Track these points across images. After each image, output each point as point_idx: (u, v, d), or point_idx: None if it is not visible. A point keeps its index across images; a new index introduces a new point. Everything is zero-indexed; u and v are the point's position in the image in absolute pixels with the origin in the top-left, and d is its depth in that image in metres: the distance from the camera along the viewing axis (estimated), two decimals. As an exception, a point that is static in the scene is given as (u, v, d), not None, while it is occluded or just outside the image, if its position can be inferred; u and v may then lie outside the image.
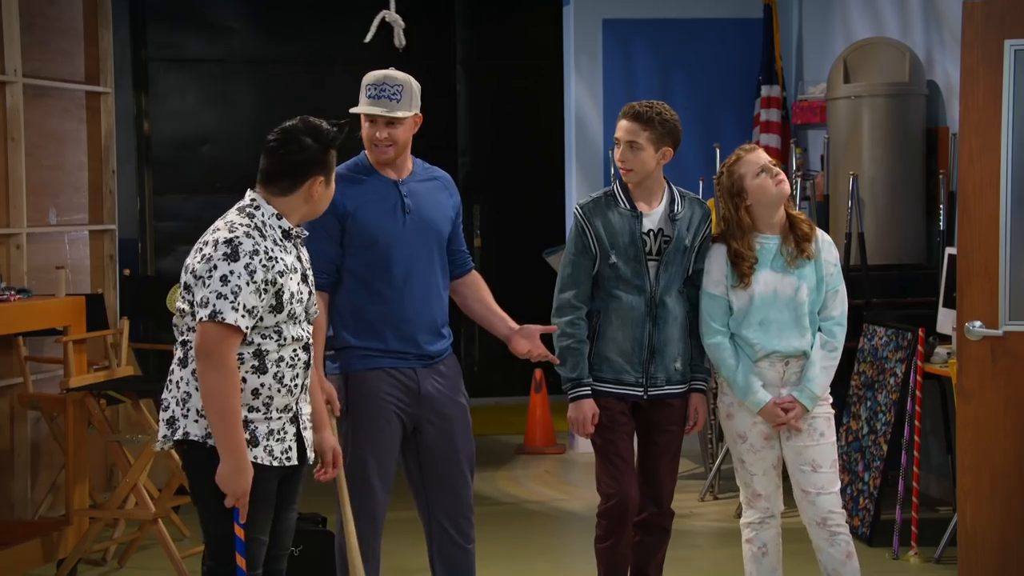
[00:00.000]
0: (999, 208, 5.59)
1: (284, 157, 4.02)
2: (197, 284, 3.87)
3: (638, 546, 4.97)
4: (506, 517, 7.34)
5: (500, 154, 11.09)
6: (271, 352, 3.95)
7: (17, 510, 6.72)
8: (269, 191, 4.03)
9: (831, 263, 4.88)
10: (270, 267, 3.89)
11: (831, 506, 4.82)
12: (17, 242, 6.86)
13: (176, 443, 3.95)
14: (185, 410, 3.91)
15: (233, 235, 3.88)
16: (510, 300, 4.84)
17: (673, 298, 4.85)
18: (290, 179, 4.01)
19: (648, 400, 4.86)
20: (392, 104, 4.59)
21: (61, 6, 7.32)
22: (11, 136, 6.84)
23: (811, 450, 4.83)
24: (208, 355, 3.83)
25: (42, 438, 6.89)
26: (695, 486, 7.66)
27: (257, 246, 3.88)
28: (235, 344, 3.86)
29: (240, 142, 10.49)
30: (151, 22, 10.79)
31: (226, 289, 3.83)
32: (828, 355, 4.85)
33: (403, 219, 4.64)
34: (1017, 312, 5.58)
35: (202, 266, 3.86)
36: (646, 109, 4.82)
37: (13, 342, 6.58)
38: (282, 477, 4.04)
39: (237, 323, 3.82)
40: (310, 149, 4.02)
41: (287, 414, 4.01)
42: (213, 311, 3.82)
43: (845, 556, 4.84)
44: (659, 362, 4.84)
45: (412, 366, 4.63)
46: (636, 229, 4.81)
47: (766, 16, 8.75)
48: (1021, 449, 5.60)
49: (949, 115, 7.37)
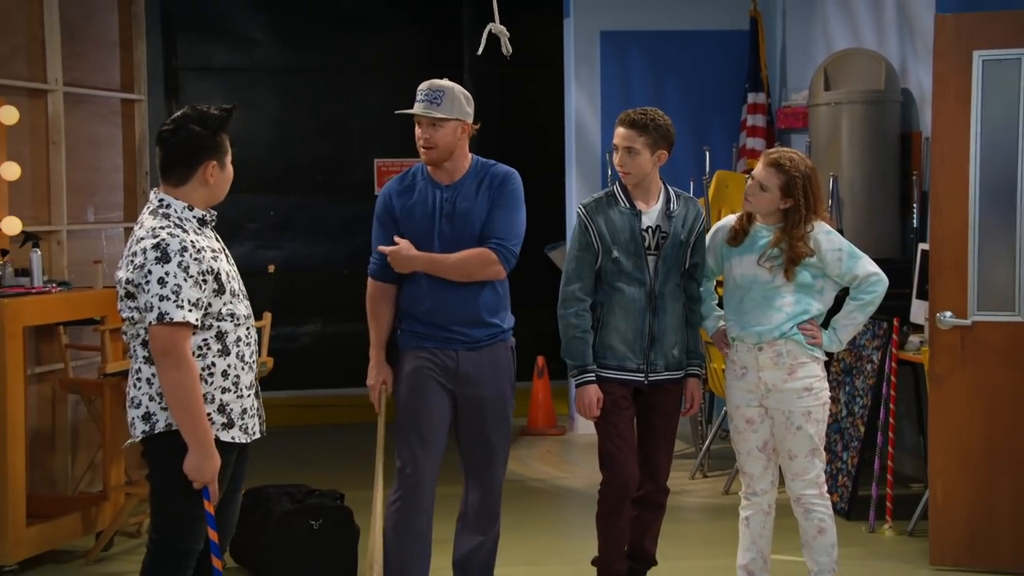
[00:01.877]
0: (968, 207, 5.61)
1: (176, 146, 3.90)
2: (138, 291, 3.80)
3: (636, 520, 4.99)
4: (511, 494, 7.29)
5: (505, 155, 10.99)
6: (230, 333, 3.90)
7: (58, 486, 6.74)
8: (169, 184, 3.92)
9: (833, 250, 4.80)
10: (201, 258, 3.81)
11: (804, 489, 4.84)
12: (58, 238, 6.89)
13: (155, 436, 3.88)
14: (163, 404, 3.85)
15: (158, 239, 3.79)
16: (513, 288, 4.83)
17: (671, 290, 4.87)
18: (184, 167, 3.90)
19: (649, 385, 4.87)
20: (432, 107, 4.65)
21: (98, 20, 7.33)
22: (52, 140, 6.85)
23: (788, 440, 4.83)
24: (165, 355, 3.76)
25: (81, 420, 6.90)
26: (686, 465, 7.67)
27: (184, 243, 3.79)
28: (187, 338, 3.79)
29: (263, 145, 10.51)
30: (181, 34, 10.79)
31: (166, 290, 3.75)
32: (854, 309, 4.82)
33: (439, 223, 4.67)
34: (985, 303, 5.60)
35: (137, 274, 3.79)
36: (640, 116, 4.83)
37: (54, 331, 6.60)
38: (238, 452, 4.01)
39: (185, 319, 3.76)
40: (199, 135, 3.89)
41: (251, 390, 3.99)
42: (160, 313, 3.75)
43: (816, 531, 4.86)
44: (658, 349, 4.85)
45: (454, 348, 4.68)
46: (636, 226, 4.83)
47: (752, 28, 8.74)
48: (988, 430, 5.62)
49: (922, 120, 7.37)
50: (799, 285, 4.80)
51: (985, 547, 5.65)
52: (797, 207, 4.77)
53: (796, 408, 4.80)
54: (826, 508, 4.88)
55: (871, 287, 4.81)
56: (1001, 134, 5.55)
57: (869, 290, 4.81)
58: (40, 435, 6.67)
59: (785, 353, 4.79)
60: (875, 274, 4.82)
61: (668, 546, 5.22)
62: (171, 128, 3.91)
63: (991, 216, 5.58)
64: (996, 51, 5.53)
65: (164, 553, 3.94)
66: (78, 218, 7.12)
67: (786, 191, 4.76)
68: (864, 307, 4.83)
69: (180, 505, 3.89)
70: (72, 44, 7.04)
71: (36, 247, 6.18)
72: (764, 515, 4.96)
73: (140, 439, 3.91)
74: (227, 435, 3.91)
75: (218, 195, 4.00)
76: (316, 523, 5.50)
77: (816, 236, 4.80)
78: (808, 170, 4.80)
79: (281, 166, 10.75)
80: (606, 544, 4.94)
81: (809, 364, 4.81)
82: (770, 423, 4.87)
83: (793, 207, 4.77)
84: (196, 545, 3.97)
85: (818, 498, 4.86)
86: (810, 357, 4.81)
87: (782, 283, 4.80)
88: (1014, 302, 5.56)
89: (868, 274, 4.81)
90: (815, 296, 4.83)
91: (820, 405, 4.83)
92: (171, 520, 3.93)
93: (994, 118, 5.55)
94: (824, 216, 4.88)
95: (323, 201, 10.99)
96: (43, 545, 5.79)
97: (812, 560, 4.91)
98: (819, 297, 4.85)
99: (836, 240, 4.83)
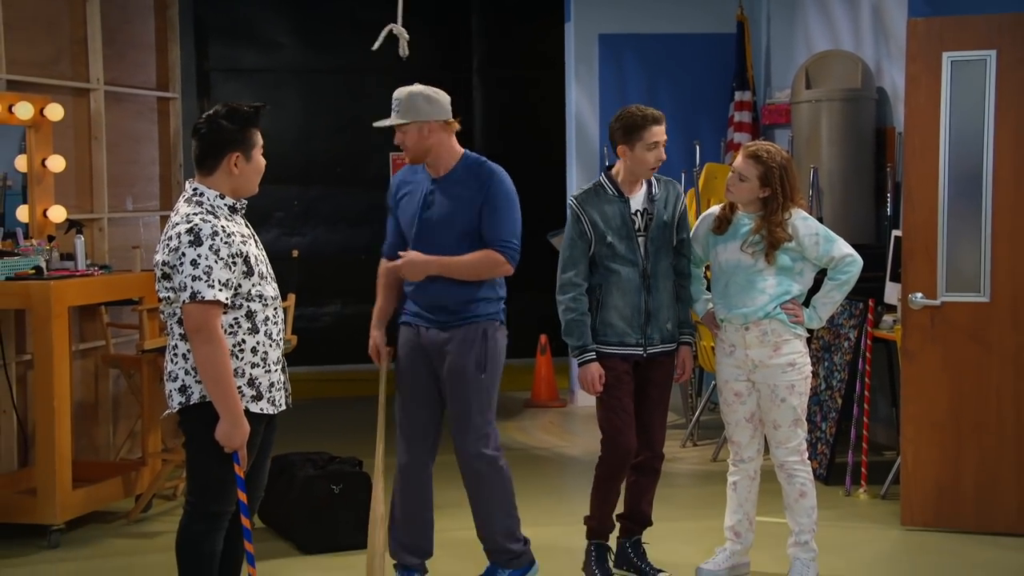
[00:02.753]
0: (938, 196, 5.61)
1: (206, 138, 3.93)
2: (173, 272, 3.82)
3: (633, 485, 5.02)
4: (516, 461, 7.32)
5: (510, 150, 11.05)
6: (258, 313, 3.91)
7: (101, 453, 6.78)
8: (201, 174, 3.96)
9: (810, 235, 4.79)
10: (231, 242, 3.83)
11: (787, 456, 4.87)
12: (100, 225, 6.91)
13: (191, 407, 3.90)
14: (197, 378, 3.86)
15: (191, 224, 3.81)
16: (518, 272, 4.84)
17: (663, 269, 4.88)
18: (212, 158, 3.93)
19: (646, 358, 4.88)
20: (393, 116, 4.71)
21: (136, 24, 7.34)
22: (94, 136, 6.87)
23: (773, 412, 4.85)
24: (198, 331, 3.78)
25: (122, 392, 6.93)
26: (678, 435, 7.69)
27: (215, 228, 3.81)
28: (218, 316, 3.80)
29: (288, 141, 10.52)
30: (212, 38, 10.80)
31: (198, 271, 3.77)
32: (832, 288, 4.82)
33: (421, 212, 4.71)
34: (952, 285, 5.61)
35: (172, 256, 3.82)
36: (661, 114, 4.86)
37: (97, 311, 6.63)
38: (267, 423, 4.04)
39: (216, 298, 3.77)
40: (227, 130, 3.92)
41: (278, 365, 4.01)
42: (192, 292, 3.77)
43: (798, 495, 4.89)
44: (654, 324, 4.86)
45: (427, 326, 4.74)
46: (626, 212, 4.84)
47: (739, 31, 8.72)
48: (955, 402, 5.64)
49: (895, 117, 7.36)
50: (780, 268, 4.80)
51: (951, 509, 5.67)
52: (775, 195, 4.77)
53: (781, 382, 4.82)
54: (807, 473, 4.90)
55: (847, 267, 4.81)
56: (968, 129, 5.55)
57: (845, 270, 4.81)
58: (84, 406, 6.70)
59: (770, 332, 4.81)
60: (850, 255, 4.82)
61: (661, 509, 5.24)
62: (203, 122, 3.94)
63: (959, 205, 5.59)
64: (964, 52, 5.53)
65: (199, 514, 3.97)
66: (118, 207, 7.14)
67: (764, 180, 4.77)
68: (841, 286, 4.84)
69: (213, 470, 3.91)
70: (112, 47, 7.05)
71: (80, 233, 6.20)
72: (750, 480, 4.98)
73: (177, 410, 3.94)
74: (256, 407, 3.93)
75: (246, 184, 3.99)
76: (336, 487, 5.53)
77: (794, 222, 4.79)
78: (784, 161, 4.81)
79: (304, 160, 10.77)
80: (600, 506, 4.96)
81: (792, 341, 4.83)
82: (757, 396, 4.88)
83: (771, 195, 4.78)
84: (228, 507, 4.00)
85: (800, 464, 4.88)
86: (793, 335, 4.82)
87: (764, 267, 4.81)
88: (979, 284, 5.57)
89: (844, 255, 4.81)
90: (795, 278, 4.84)
91: (803, 379, 4.85)
92: (205, 484, 3.96)
93: (962, 114, 5.56)
94: (802, 204, 4.88)
95: (342, 192, 11.01)
96: (88, 507, 5.83)
97: (794, 521, 4.94)
98: (799, 279, 4.85)
99: (813, 225, 4.83)
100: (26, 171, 6.28)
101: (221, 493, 3.95)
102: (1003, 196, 5.52)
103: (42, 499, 5.57)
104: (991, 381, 5.57)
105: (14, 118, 6.09)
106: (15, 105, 6.06)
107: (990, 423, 5.59)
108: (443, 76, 11.11)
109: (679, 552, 5.32)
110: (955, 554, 5.40)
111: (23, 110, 6.09)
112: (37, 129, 6.27)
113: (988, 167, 5.53)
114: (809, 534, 4.93)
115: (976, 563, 5.29)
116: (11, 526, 5.69)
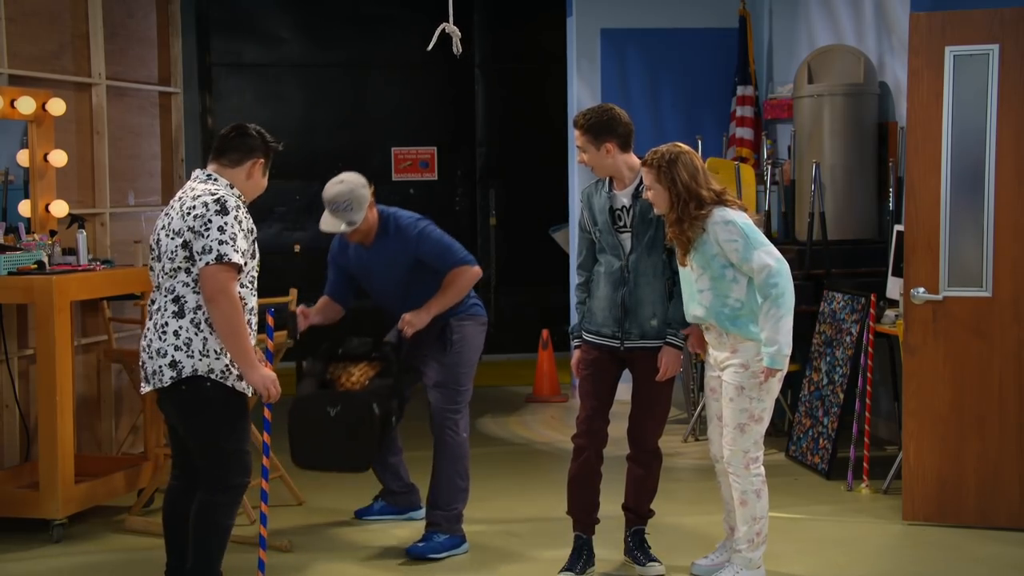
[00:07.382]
0: (940, 191, 5.61)
1: (238, 137, 4.26)
2: (196, 238, 4.01)
3: (628, 476, 5.06)
4: (518, 455, 7.38)
5: (512, 145, 11.07)
6: (248, 301, 4.14)
7: (103, 447, 6.78)
8: (220, 162, 4.24)
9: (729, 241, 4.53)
10: (248, 219, 4.14)
11: (730, 457, 4.71)
12: (102, 220, 6.91)
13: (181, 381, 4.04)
14: (189, 352, 4.02)
15: (217, 195, 4.08)
16: (520, 267, 4.88)
17: (647, 264, 4.81)
18: (240, 153, 4.24)
19: (625, 351, 4.89)
20: (348, 215, 5.20)
21: (138, 19, 7.32)
22: (96, 130, 6.87)
23: (724, 409, 4.74)
24: (221, 291, 3.98)
25: (124, 387, 6.93)
26: (680, 430, 7.69)
27: (238, 202, 4.12)
28: (237, 279, 4.04)
29: (289, 135, 10.39)
30: (214, 32, 10.79)
31: (224, 236, 4.00)
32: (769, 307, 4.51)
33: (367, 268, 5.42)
34: (955, 280, 5.61)
35: (197, 222, 4.03)
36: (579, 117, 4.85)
37: (99, 305, 6.64)
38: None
39: (239, 261, 4.01)
40: (257, 138, 4.28)
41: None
42: (219, 254, 3.99)
43: (739, 502, 4.74)
44: (633, 319, 4.84)
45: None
46: (610, 206, 4.86)
47: (741, 26, 8.72)
48: (957, 397, 5.63)
49: (898, 111, 7.36)
50: (712, 279, 4.60)
51: (953, 504, 5.67)
52: (671, 192, 4.57)
53: (732, 381, 4.66)
54: (750, 484, 4.69)
55: (771, 279, 4.49)
56: (971, 124, 5.54)
57: (771, 283, 4.49)
58: (87, 401, 6.71)
59: (725, 334, 4.66)
60: (767, 266, 4.49)
61: (663, 503, 5.24)
62: (236, 127, 4.29)
63: (961, 200, 5.58)
64: (966, 47, 5.52)
65: (222, 487, 4.13)
66: (120, 202, 7.14)
67: (662, 182, 4.59)
68: (776, 300, 4.50)
69: (222, 443, 4.10)
70: (114, 41, 7.04)
71: (82, 228, 6.20)
72: (726, 477, 4.84)
73: (168, 385, 4.06)
74: (240, 386, 4.14)
75: (250, 191, 4.29)
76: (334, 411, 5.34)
77: (714, 227, 4.56)
78: (671, 155, 4.57)
79: (306, 154, 10.75)
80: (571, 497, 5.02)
81: (749, 344, 4.60)
82: None
83: (670, 194, 4.57)
84: (247, 478, 4.16)
85: (740, 470, 4.68)
86: (752, 339, 4.59)
87: (698, 275, 4.63)
88: (981, 279, 5.57)
89: (762, 266, 4.49)
90: (730, 286, 4.59)
91: (755, 383, 4.61)
92: (219, 458, 4.11)
93: (964, 109, 5.55)
94: (733, 202, 4.62)
95: (345, 187, 10.99)
96: (90, 501, 5.83)
97: (736, 521, 4.79)
98: (735, 286, 4.59)
99: (735, 230, 4.53)
100: (28, 166, 6.27)
101: (239, 464, 4.13)
102: (1005, 191, 5.51)
103: (44, 493, 5.58)
104: (993, 376, 5.57)
105: (16, 113, 6.08)
106: (17, 100, 6.06)
107: (992, 418, 5.58)
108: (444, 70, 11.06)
109: (680, 546, 5.32)
110: (957, 548, 5.39)
111: (25, 105, 6.09)
112: (39, 124, 6.26)
113: (990, 162, 5.52)
114: (746, 544, 4.73)
115: (978, 557, 5.29)
116: (13, 520, 5.69)
